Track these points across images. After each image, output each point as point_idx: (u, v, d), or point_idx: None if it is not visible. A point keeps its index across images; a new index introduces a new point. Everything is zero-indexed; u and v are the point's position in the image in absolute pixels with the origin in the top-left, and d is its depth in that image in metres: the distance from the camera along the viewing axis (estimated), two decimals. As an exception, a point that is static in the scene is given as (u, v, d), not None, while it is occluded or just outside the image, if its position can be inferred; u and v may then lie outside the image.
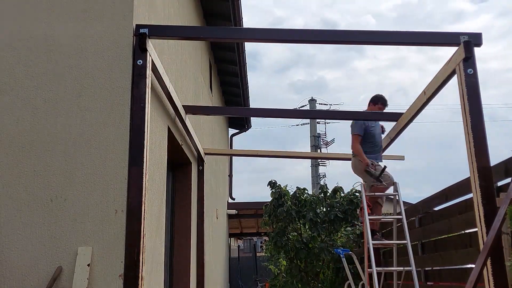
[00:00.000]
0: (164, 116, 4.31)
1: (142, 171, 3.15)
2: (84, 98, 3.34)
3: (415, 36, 3.60)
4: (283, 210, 8.50)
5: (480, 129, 3.26)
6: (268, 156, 6.86)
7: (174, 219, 5.54)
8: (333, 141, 24.16)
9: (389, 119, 5.14)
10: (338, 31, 3.70)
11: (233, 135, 13.28)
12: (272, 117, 6.66)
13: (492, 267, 2.99)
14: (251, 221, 15.50)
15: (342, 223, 8.47)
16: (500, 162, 3.31)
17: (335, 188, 8.90)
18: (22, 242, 3.11)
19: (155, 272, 3.88)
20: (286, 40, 3.69)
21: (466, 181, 3.85)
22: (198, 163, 6.20)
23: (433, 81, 3.95)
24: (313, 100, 22.97)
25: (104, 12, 3.47)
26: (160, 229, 4.11)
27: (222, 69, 9.88)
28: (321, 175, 22.97)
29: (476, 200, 3.17)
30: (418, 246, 4.96)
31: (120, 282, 3.03)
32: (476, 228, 3.19)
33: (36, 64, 3.40)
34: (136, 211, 3.08)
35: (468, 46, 3.35)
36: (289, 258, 8.74)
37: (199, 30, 4.77)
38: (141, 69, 3.33)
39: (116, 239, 3.10)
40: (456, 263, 4.10)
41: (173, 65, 4.81)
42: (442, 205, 4.51)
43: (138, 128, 3.23)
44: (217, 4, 7.53)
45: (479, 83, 3.35)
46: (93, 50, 3.41)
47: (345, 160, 6.75)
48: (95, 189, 3.19)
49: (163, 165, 4.25)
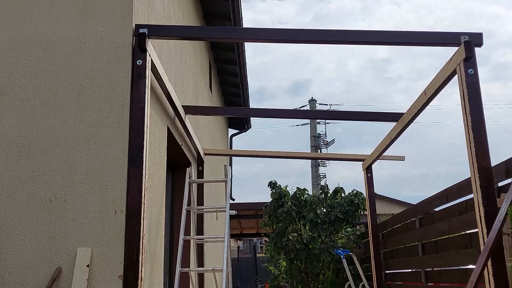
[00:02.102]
0: (163, 116, 4.30)
1: (142, 172, 3.14)
2: (83, 98, 3.33)
3: (415, 36, 3.59)
4: (283, 211, 8.50)
5: (481, 129, 3.25)
6: (268, 156, 6.85)
7: (173, 220, 5.53)
8: (333, 142, 24.18)
9: (390, 120, 5.13)
10: (338, 31, 3.69)
11: (233, 136, 13.27)
12: (272, 117, 6.64)
13: (493, 267, 2.98)
14: (251, 221, 15.50)
15: (343, 224, 8.46)
16: (501, 163, 3.30)
17: (336, 188, 8.90)
18: (21, 242, 3.10)
19: (155, 272, 3.87)
20: (286, 40, 3.68)
21: (466, 182, 3.84)
22: (198, 163, 6.19)
23: (433, 81, 3.94)
24: (313, 100, 22.99)
25: (103, 12, 3.46)
26: (159, 230, 4.10)
27: (222, 69, 9.87)
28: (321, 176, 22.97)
29: (476, 201, 3.16)
30: (419, 246, 4.95)
31: (119, 283, 3.02)
32: (477, 229, 3.18)
33: (35, 64, 3.39)
34: (135, 212, 3.07)
35: (468, 46, 3.34)
36: (289, 259, 8.73)
37: (199, 30, 4.76)
38: (141, 69, 3.32)
39: (115, 240, 3.09)
40: (456, 264, 4.09)
41: (172, 65, 4.80)
42: (443, 206, 4.50)
43: (138, 128, 3.22)
44: (217, 4, 7.52)
45: (479, 83, 3.34)
46: (92, 50, 3.40)
47: (346, 160, 6.75)
48: (94, 190, 3.18)
49: (163, 165, 4.24)
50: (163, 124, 4.30)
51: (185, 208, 4.90)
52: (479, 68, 3.41)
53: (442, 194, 4.46)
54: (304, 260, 8.50)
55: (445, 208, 4.45)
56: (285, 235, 8.66)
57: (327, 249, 8.18)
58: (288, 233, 8.74)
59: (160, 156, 4.11)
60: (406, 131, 4.93)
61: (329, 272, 8.52)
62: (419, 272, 4.93)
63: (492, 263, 2.98)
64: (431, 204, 4.74)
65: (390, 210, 16.08)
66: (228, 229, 4.98)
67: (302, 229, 8.88)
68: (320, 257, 8.30)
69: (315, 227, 8.39)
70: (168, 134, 4.47)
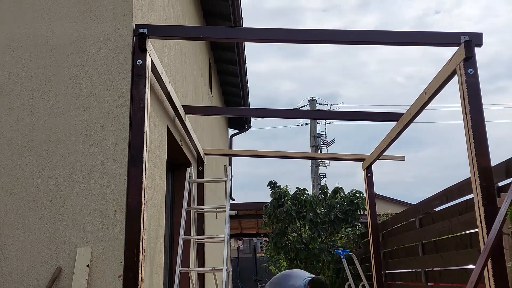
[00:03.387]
0: (163, 116, 4.30)
1: (142, 172, 3.14)
2: (83, 98, 3.33)
3: (415, 36, 3.59)
4: (283, 211, 8.50)
5: (481, 129, 3.25)
6: (268, 156, 6.85)
7: (173, 220, 5.53)
8: (333, 142, 24.17)
9: (390, 119, 5.13)
10: (338, 31, 3.69)
11: (233, 135, 13.27)
12: (272, 117, 6.65)
13: (493, 267, 2.98)
14: (251, 221, 15.50)
15: (342, 223, 8.47)
16: (501, 163, 3.30)
17: (335, 188, 8.90)
18: (21, 242, 3.10)
19: (155, 273, 3.87)
20: (287, 40, 3.68)
21: (466, 182, 3.84)
22: (198, 163, 6.19)
23: (433, 81, 3.95)
24: (313, 100, 22.97)
25: (103, 12, 3.46)
26: (159, 230, 4.10)
27: (222, 69, 9.88)
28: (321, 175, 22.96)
29: (476, 201, 3.16)
30: (419, 246, 4.95)
31: (119, 283, 3.02)
32: (477, 229, 3.18)
33: (35, 64, 3.39)
34: (135, 212, 3.07)
35: (468, 46, 3.35)
36: (289, 258, 8.74)
37: (199, 30, 4.76)
38: (141, 69, 3.32)
39: (115, 240, 3.09)
40: (456, 264, 4.09)
41: (172, 65, 4.80)
42: (443, 206, 4.50)
43: (138, 128, 3.21)
44: (217, 4, 7.52)
45: (479, 83, 3.34)
46: (92, 50, 3.40)
47: (346, 160, 6.75)
48: (94, 190, 3.18)
49: (163, 165, 4.24)
50: (163, 124, 4.30)
51: (185, 208, 4.90)
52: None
53: (442, 194, 4.46)
54: (304, 260, 8.50)
55: (445, 208, 4.45)
56: (285, 235, 8.66)
57: (327, 249, 8.19)
58: (288, 233, 8.74)
59: (160, 156, 4.11)
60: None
61: (329, 272, 8.53)
62: (419, 272, 4.93)
63: (492, 263, 2.98)
64: (431, 204, 4.74)
65: (390, 210, 16.09)
66: (228, 229, 4.99)
67: (302, 229, 8.89)
68: (320, 257, 8.31)
69: (315, 227, 8.40)
70: (168, 134, 4.47)
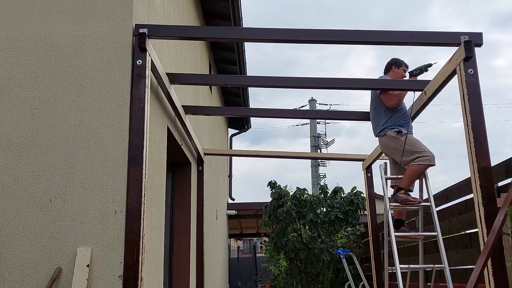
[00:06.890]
0: (163, 116, 4.30)
1: (142, 172, 3.14)
2: (83, 98, 3.33)
3: (415, 36, 3.59)
4: (283, 211, 8.50)
5: (481, 129, 3.25)
6: (268, 156, 6.85)
7: (173, 220, 5.53)
8: (333, 142, 24.17)
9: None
10: (338, 31, 3.69)
11: (233, 135, 13.27)
12: (272, 117, 6.65)
13: (493, 267, 2.98)
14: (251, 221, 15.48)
15: (342, 223, 8.47)
16: (501, 162, 3.31)
17: (335, 188, 8.90)
18: (21, 242, 3.10)
19: (155, 272, 3.87)
20: (287, 40, 3.68)
21: (466, 182, 3.85)
22: (198, 163, 6.19)
23: (433, 81, 3.95)
24: (313, 100, 22.96)
25: (103, 12, 3.46)
26: (159, 230, 4.10)
27: (222, 69, 9.87)
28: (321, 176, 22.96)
29: (476, 201, 3.16)
30: (419, 246, 4.93)
31: (119, 282, 3.02)
32: (477, 229, 3.18)
33: (35, 64, 3.39)
34: (135, 212, 3.07)
35: (468, 46, 3.35)
36: (289, 258, 8.74)
37: (199, 30, 4.76)
38: (141, 69, 3.32)
39: (115, 240, 3.09)
40: (456, 264, 4.09)
41: (172, 65, 4.80)
42: (443, 206, 4.50)
43: (138, 128, 3.21)
44: (217, 4, 7.52)
45: (479, 83, 3.34)
46: (92, 50, 3.40)
47: (346, 160, 6.74)
48: (94, 190, 3.18)
49: (163, 165, 4.24)
50: (163, 124, 4.30)
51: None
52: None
53: (442, 194, 4.46)
54: (304, 260, 8.50)
55: (445, 208, 4.45)
56: (285, 235, 8.66)
57: (327, 249, 8.19)
58: (288, 233, 8.74)
59: (160, 156, 4.11)
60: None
61: (329, 272, 8.53)
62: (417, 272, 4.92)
63: (492, 262, 2.98)
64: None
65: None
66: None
67: (302, 229, 8.89)
68: (320, 257, 8.31)
69: (315, 227, 8.40)
70: (168, 134, 4.47)
